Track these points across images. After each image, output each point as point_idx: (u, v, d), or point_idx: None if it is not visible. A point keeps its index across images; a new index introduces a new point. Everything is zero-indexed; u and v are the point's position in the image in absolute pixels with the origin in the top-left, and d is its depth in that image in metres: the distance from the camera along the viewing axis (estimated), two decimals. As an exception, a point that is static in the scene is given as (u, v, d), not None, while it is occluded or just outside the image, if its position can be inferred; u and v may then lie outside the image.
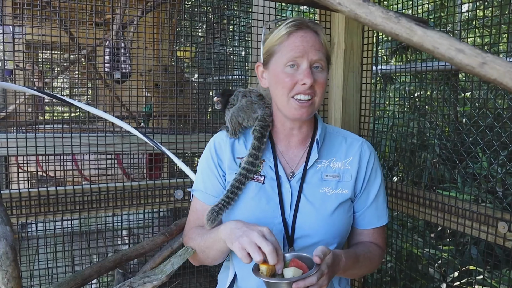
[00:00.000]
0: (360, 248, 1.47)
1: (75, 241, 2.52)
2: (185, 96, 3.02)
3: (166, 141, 2.14)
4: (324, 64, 1.37)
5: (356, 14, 0.78)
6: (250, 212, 1.41)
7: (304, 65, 1.33)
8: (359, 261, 1.39)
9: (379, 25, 0.76)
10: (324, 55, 1.37)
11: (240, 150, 1.49)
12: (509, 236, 1.67)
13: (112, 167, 2.39)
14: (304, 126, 1.47)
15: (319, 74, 1.35)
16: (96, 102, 3.21)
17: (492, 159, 2.24)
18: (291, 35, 1.36)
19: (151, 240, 1.63)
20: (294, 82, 1.33)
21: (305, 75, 1.32)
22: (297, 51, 1.33)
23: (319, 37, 1.37)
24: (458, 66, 0.74)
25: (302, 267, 1.18)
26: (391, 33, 0.76)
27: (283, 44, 1.36)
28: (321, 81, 1.35)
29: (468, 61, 0.72)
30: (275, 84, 1.39)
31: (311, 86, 1.33)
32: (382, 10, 0.76)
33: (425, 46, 0.74)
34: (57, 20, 2.53)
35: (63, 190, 1.98)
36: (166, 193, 2.08)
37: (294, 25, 1.36)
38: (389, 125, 2.62)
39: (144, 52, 2.54)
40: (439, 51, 0.74)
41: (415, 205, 2.07)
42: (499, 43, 2.42)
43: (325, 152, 1.47)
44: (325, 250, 1.21)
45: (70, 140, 2.03)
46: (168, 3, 3.13)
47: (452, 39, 0.73)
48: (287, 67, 1.35)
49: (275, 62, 1.38)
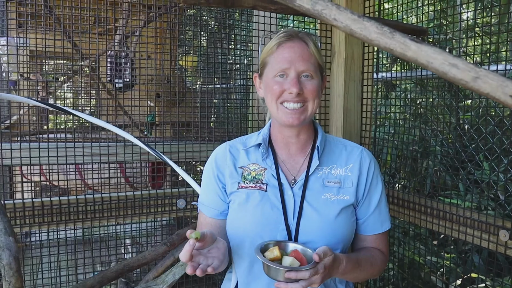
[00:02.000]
0: (363, 253, 1.49)
1: (79, 250, 2.52)
2: (187, 105, 3.04)
3: (168, 150, 2.16)
4: (313, 73, 1.40)
5: (351, 29, 0.79)
6: (254, 219, 1.43)
7: (292, 75, 1.38)
8: (360, 265, 1.41)
9: (374, 40, 0.78)
10: (313, 64, 1.41)
11: (243, 159, 1.52)
12: (510, 244, 1.67)
13: (115, 176, 2.41)
14: (302, 134, 1.49)
15: (308, 82, 1.40)
16: (99, 111, 3.24)
17: (494, 166, 2.24)
18: (280, 46, 1.42)
19: (153, 251, 1.64)
20: (282, 90, 1.38)
21: (291, 84, 1.37)
22: (285, 62, 1.39)
23: (308, 47, 1.41)
24: (451, 81, 0.75)
25: (302, 260, 1.23)
26: (385, 48, 0.77)
27: (273, 55, 1.42)
28: (311, 88, 1.39)
29: (462, 76, 0.73)
30: (266, 93, 1.44)
31: (300, 94, 1.37)
32: (377, 25, 0.77)
33: (419, 60, 0.76)
34: (61, 30, 2.56)
35: (66, 200, 1.99)
36: (168, 202, 2.09)
37: (283, 36, 1.42)
38: (391, 133, 2.62)
39: (146, 62, 2.56)
40: (433, 66, 0.75)
41: (416, 213, 2.08)
42: (499, 51, 2.43)
43: (325, 159, 1.50)
44: (326, 250, 1.24)
45: (73, 149, 2.05)
46: (170, 13, 3.17)
47: (445, 54, 0.74)
48: (276, 77, 1.40)
49: (267, 73, 1.44)
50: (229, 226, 1.49)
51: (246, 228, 1.43)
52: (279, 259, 1.24)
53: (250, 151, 1.53)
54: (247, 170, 1.49)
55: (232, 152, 1.54)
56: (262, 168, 1.48)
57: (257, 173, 1.48)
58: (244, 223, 1.44)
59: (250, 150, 1.53)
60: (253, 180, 1.47)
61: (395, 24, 1.85)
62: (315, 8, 0.81)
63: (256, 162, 1.50)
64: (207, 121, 2.44)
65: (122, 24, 3.03)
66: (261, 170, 1.48)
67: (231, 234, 1.48)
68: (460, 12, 2.11)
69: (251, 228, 1.42)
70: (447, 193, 2.66)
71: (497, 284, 2.08)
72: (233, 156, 1.53)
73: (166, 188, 2.18)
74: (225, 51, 2.95)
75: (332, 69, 2.28)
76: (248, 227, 1.42)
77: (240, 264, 1.47)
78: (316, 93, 1.41)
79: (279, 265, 1.20)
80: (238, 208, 1.46)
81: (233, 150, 1.54)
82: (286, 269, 1.18)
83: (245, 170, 1.49)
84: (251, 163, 1.51)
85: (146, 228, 3.31)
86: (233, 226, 1.47)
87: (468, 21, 2.22)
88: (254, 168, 1.49)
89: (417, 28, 1.91)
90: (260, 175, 1.48)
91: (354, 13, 0.79)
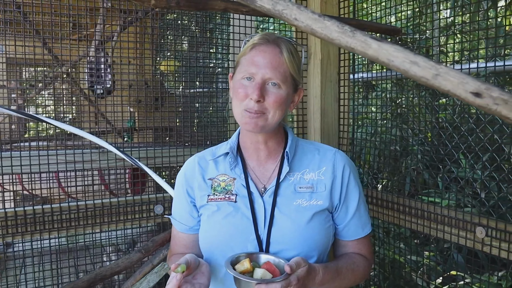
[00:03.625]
0: (343, 260, 1.45)
1: (63, 259, 2.47)
2: (169, 110, 3.01)
3: (144, 156, 2.13)
4: (281, 82, 1.34)
5: (312, 29, 0.78)
6: (224, 231, 1.40)
7: (257, 80, 1.33)
8: (340, 274, 1.38)
9: (335, 39, 0.77)
10: (282, 74, 1.34)
11: (212, 171, 1.49)
12: (487, 241, 1.68)
13: (92, 184, 2.37)
14: (270, 141, 1.46)
15: (273, 90, 1.34)
16: (81, 118, 3.20)
17: (474, 163, 2.25)
18: (253, 49, 1.37)
19: (126, 258, 1.61)
20: (246, 95, 1.33)
21: (253, 90, 1.32)
22: (253, 66, 1.34)
23: (281, 55, 1.35)
24: (413, 78, 0.74)
25: (274, 272, 1.19)
26: (347, 46, 0.77)
27: (245, 57, 1.38)
28: (273, 98, 1.33)
29: (422, 73, 0.72)
30: (233, 94, 1.40)
31: (260, 102, 1.32)
32: (338, 24, 0.77)
33: (380, 59, 0.75)
34: (35, 36, 2.52)
35: (40, 210, 1.95)
36: (146, 208, 2.06)
37: (260, 39, 1.37)
38: (371, 133, 2.63)
39: (128, 66, 2.53)
40: (394, 64, 0.74)
41: (395, 213, 2.08)
42: (478, 49, 2.45)
43: (297, 164, 1.46)
44: (300, 261, 1.20)
45: (47, 157, 2.01)
46: (150, 18, 3.14)
47: (406, 52, 0.74)
48: (244, 79, 1.36)
49: (237, 74, 1.40)
50: (201, 239, 1.46)
51: (217, 241, 1.40)
52: (250, 272, 1.20)
53: (219, 161, 1.49)
54: (216, 181, 1.46)
55: (201, 164, 1.50)
56: (231, 178, 1.45)
57: (227, 183, 1.45)
58: (214, 235, 1.41)
59: (218, 160, 1.49)
60: (223, 192, 1.44)
61: (369, 24, 1.85)
62: (276, 8, 0.80)
63: (225, 172, 1.47)
64: (190, 125, 2.41)
65: (97, 29, 2.99)
66: (230, 180, 1.45)
67: (203, 247, 1.46)
68: (438, 11, 2.12)
69: (221, 240, 1.39)
70: (427, 192, 2.67)
71: (476, 281, 2.09)
72: (202, 168, 1.49)
73: (147, 194, 2.14)
74: (205, 55, 2.93)
75: (309, 70, 2.28)
76: (218, 239, 1.40)
77: (213, 277, 1.44)
78: (279, 104, 1.34)
79: (249, 278, 1.16)
80: (208, 220, 1.43)
81: (202, 162, 1.51)
82: (257, 281, 1.14)
83: (214, 181, 1.46)
84: (220, 174, 1.47)
85: (131, 234, 3.27)
86: (204, 239, 1.45)
87: (446, 19, 2.24)
88: (224, 179, 1.46)
89: (391, 28, 1.91)
90: (230, 185, 1.44)
91: (315, 13, 0.78)
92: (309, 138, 2.31)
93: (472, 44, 2.06)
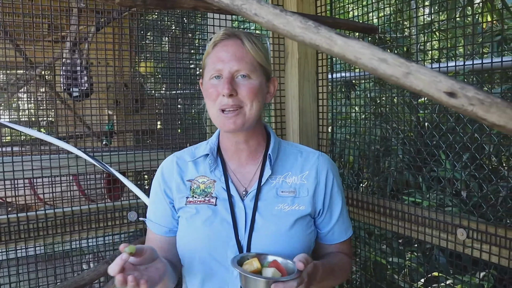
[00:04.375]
0: (333, 259, 1.43)
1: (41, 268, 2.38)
2: (149, 112, 2.94)
3: (124, 160, 2.05)
4: (250, 73, 1.31)
5: (273, 24, 0.72)
6: (203, 235, 1.34)
7: (224, 75, 1.30)
8: (334, 271, 1.36)
9: (298, 36, 0.71)
10: (249, 63, 1.31)
11: (191, 172, 1.43)
12: (468, 243, 1.64)
13: (68, 190, 2.29)
14: (252, 140, 1.41)
15: (245, 82, 1.30)
16: (56, 122, 3.09)
17: (455, 162, 2.23)
18: (215, 47, 1.34)
19: (92, 270, 1.53)
20: (218, 93, 1.30)
21: (223, 85, 1.28)
22: (218, 62, 1.30)
23: (243, 45, 1.33)
24: (382, 77, 0.69)
25: (282, 271, 1.15)
26: (311, 43, 0.71)
27: (209, 56, 1.35)
28: (246, 89, 1.30)
29: (392, 71, 0.67)
30: (205, 97, 1.36)
31: (233, 96, 1.28)
32: (301, 19, 0.71)
33: (347, 56, 0.70)
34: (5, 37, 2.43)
35: (15, 218, 1.87)
36: (119, 215, 1.99)
37: (219, 36, 1.35)
38: (351, 133, 2.59)
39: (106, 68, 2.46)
40: (362, 62, 0.69)
41: (376, 215, 2.04)
42: (456, 47, 2.43)
43: (279, 167, 1.42)
44: (307, 257, 1.18)
45: (21, 164, 1.93)
46: (128, 18, 3.05)
47: (374, 48, 0.68)
48: (212, 78, 1.32)
49: (205, 76, 1.36)
50: (179, 243, 1.40)
51: (196, 245, 1.35)
52: (259, 272, 1.15)
53: (199, 162, 1.44)
54: (196, 183, 1.41)
55: (179, 164, 1.44)
56: (211, 180, 1.40)
57: (206, 185, 1.40)
58: (193, 239, 1.35)
59: (198, 161, 1.44)
60: (202, 194, 1.39)
61: (345, 22, 1.80)
62: (234, 3, 0.75)
63: (204, 174, 1.42)
64: (171, 128, 2.33)
65: (72, 30, 2.91)
66: (210, 182, 1.40)
67: (181, 251, 1.40)
68: (417, 8, 2.09)
69: (200, 245, 1.34)
70: (409, 192, 2.64)
71: (459, 282, 2.06)
72: (180, 169, 1.44)
73: (122, 200, 2.07)
74: (186, 56, 2.86)
75: (286, 70, 2.23)
76: (197, 244, 1.34)
77: (191, 281, 1.40)
78: (254, 95, 1.31)
79: (263, 276, 1.12)
80: (187, 223, 1.37)
81: (180, 162, 1.45)
82: (272, 280, 1.09)
83: (194, 183, 1.40)
84: (200, 176, 1.42)
85: (112, 240, 3.18)
86: (182, 243, 1.39)
87: (424, 17, 2.20)
88: (203, 181, 1.41)
89: (368, 26, 1.87)
90: (210, 187, 1.39)
91: (276, 7, 0.73)
92: (288, 138, 2.27)
93: (450, 42, 2.03)
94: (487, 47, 2.57)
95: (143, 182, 3.65)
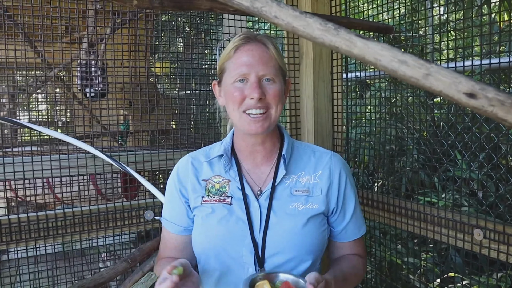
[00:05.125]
0: (345, 265, 1.43)
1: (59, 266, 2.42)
2: (161, 112, 2.96)
3: (140, 160, 2.08)
4: (274, 77, 1.33)
5: (293, 27, 0.73)
6: (218, 234, 1.36)
7: (252, 79, 1.31)
8: (346, 280, 1.36)
9: (318, 38, 0.72)
10: (274, 67, 1.34)
11: (206, 172, 1.45)
12: (485, 243, 1.63)
13: (85, 189, 2.32)
14: (267, 141, 1.42)
15: (270, 86, 1.33)
16: (74, 121, 3.14)
17: (471, 162, 2.21)
18: (238, 50, 1.34)
19: (111, 268, 1.56)
20: (243, 97, 1.31)
21: (252, 89, 1.29)
22: (244, 67, 1.31)
23: (268, 50, 1.35)
24: (402, 79, 0.70)
25: None
26: (331, 45, 0.72)
27: (231, 60, 1.35)
28: (273, 93, 1.32)
29: (412, 73, 0.68)
30: (227, 100, 1.37)
31: (262, 100, 1.30)
32: (320, 22, 0.72)
33: (366, 58, 0.70)
34: (25, 40, 2.47)
35: (35, 216, 1.90)
36: (135, 214, 2.01)
37: (240, 39, 1.35)
38: (366, 133, 2.59)
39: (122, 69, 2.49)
40: (382, 63, 0.69)
41: (391, 215, 2.03)
42: (473, 46, 2.42)
43: (293, 167, 1.43)
44: (318, 277, 1.17)
45: (41, 163, 1.96)
46: (144, 19, 3.08)
47: (394, 50, 0.69)
48: (236, 82, 1.33)
49: (226, 79, 1.37)
50: (194, 241, 1.42)
51: (211, 244, 1.37)
52: None
53: (213, 162, 1.46)
54: (211, 182, 1.43)
55: (194, 164, 1.46)
56: (226, 180, 1.42)
57: (221, 185, 1.42)
58: (209, 238, 1.37)
59: (213, 161, 1.46)
60: (218, 193, 1.41)
61: (360, 22, 1.80)
62: (254, 6, 0.75)
63: (219, 174, 1.44)
64: (187, 128, 2.35)
65: (88, 32, 2.94)
66: (225, 182, 1.42)
67: (197, 250, 1.42)
68: (432, 8, 2.08)
69: (216, 244, 1.36)
70: (424, 191, 2.63)
71: (475, 282, 2.05)
72: (196, 169, 1.46)
73: (138, 200, 2.09)
74: (200, 56, 2.88)
75: (301, 70, 2.23)
76: (212, 242, 1.36)
77: (207, 279, 1.41)
78: (279, 98, 1.34)
79: None
80: (202, 222, 1.39)
81: (195, 162, 1.47)
82: None
83: (209, 182, 1.42)
84: (215, 175, 1.44)
85: (129, 239, 3.22)
86: (198, 242, 1.41)
87: (440, 16, 2.20)
88: (218, 180, 1.43)
89: (383, 26, 1.87)
90: (225, 187, 1.41)
91: (296, 10, 0.73)
92: (302, 138, 2.27)
93: (466, 41, 2.02)
94: (504, 46, 2.54)
95: (158, 182, 3.68)
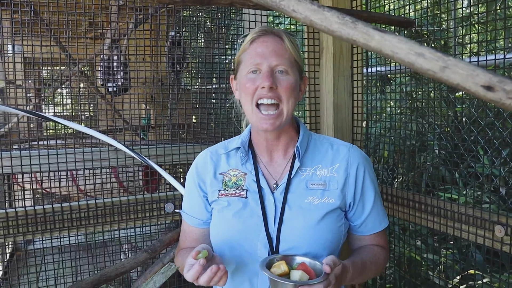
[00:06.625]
0: (365, 254, 1.43)
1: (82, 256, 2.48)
2: (182, 107, 3.00)
3: (161, 153, 2.12)
4: (288, 69, 1.34)
5: (311, 20, 0.74)
6: (233, 227, 1.38)
7: (264, 69, 1.32)
8: (365, 269, 1.36)
9: (336, 31, 0.73)
10: (288, 60, 1.34)
11: (223, 166, 1.47)
12: (506, 240, 1.61)
13: (108, 181, 2.37)
14: (283, 136, 1.43)
15: (283, 77, 1.33)
16: (97, 116, 3.20)
17: (493, 158, 2.18)
18: (253, 43, 1.37)
19: (132, 258, 1.59)
20: (256, 87, 1.32)
21: (264, 78, 1.30)
22: (257, 57, 1.33)
23: (283, 42, 1.36)
24: (419, 71, 0.70)
25: (310, 273, 1.17)
26: (348, 39, 0.73)
27: (246, 52, 1.37)
28: (285, 85, 1.32)
29: (429, 66, 0.68)
30: (241, 92, 1.39)
31: (273, 89, 1.31)
32: (338, 15, 0.73)
33: (383, 51, 0.71)
34: (51, 36, 2.53)
35: (59, 208, 1.96)
36: (156, 207, 2.05)
37: (257, 32, 1.37)
38: (386, 128, 2.57)
39: (144, 64, 2.53)
40: (399, 56, 0.70)
41: (412, 211, 2.02)
42: (496, 39, 2.37)
43: (309, 159, 1.43)
44: (335, 260, 1.19)
45: (65, 156, 2.02)
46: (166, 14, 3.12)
47: (411, 43, 0.69)
48: (249, 73, 1.34)
49: (241, 71, 1.39)
50: (212, 234, 1.45)
51: (226, 237, 1.39)
52: (287, 274, 1.18)
53: (231, 155, 1.48)
54: (228, 176, 1.45)
55: (212, 158, 1.49)
56: (242, 173, 1.43)
57: (238, 178, 1.43)
58: (224, 231, 1.40)
59: (230, 154, 1.48)
60: (234, 187, 1.42)
61: (380, 16, 1.79)
62: (273, 0, 0.76)
63: (236, 167, 1.45)
64: (207, 122, 2.38)
65: (111, 27, 2.99)
66: (241, 175, 1.43)
67: (214, 242, 1.44)
68: (455, 0, 2.05)
69: (231, 237, 1.38)
70: (445, 187, 2.60)
71: (496, 280, 2.02)
72: (214, 162, 1.48)
73: (159, 192, 2.13)
74: (221, 51, 2.90)
75: (321, 65, 2.23)
76: (228, 235, 1.38)
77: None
78: (291, 91, 1.33)
79: (290, 280, 1.14)
80: (219, 216, 1.42)
81: (213, 156, 1.50)
82: (299, 283, 1.12)
83: (226, 176, 1.45)
84: (231, 169, 1.46)
85: (150, 231, 3.27)
86: (214, 234, 1.44)
87: (462, 9, 2.16)
88: (235, 174, 1.45)
89: (404, 20, 1.85)
90: (241, 180, 1.43)
91: (313, 3, 0.74)
92: (322, 133, 2.26)
93: (490, 35, 1.98)
94: (529, 40, 2.49)
95: (179, 175, 3.73)
